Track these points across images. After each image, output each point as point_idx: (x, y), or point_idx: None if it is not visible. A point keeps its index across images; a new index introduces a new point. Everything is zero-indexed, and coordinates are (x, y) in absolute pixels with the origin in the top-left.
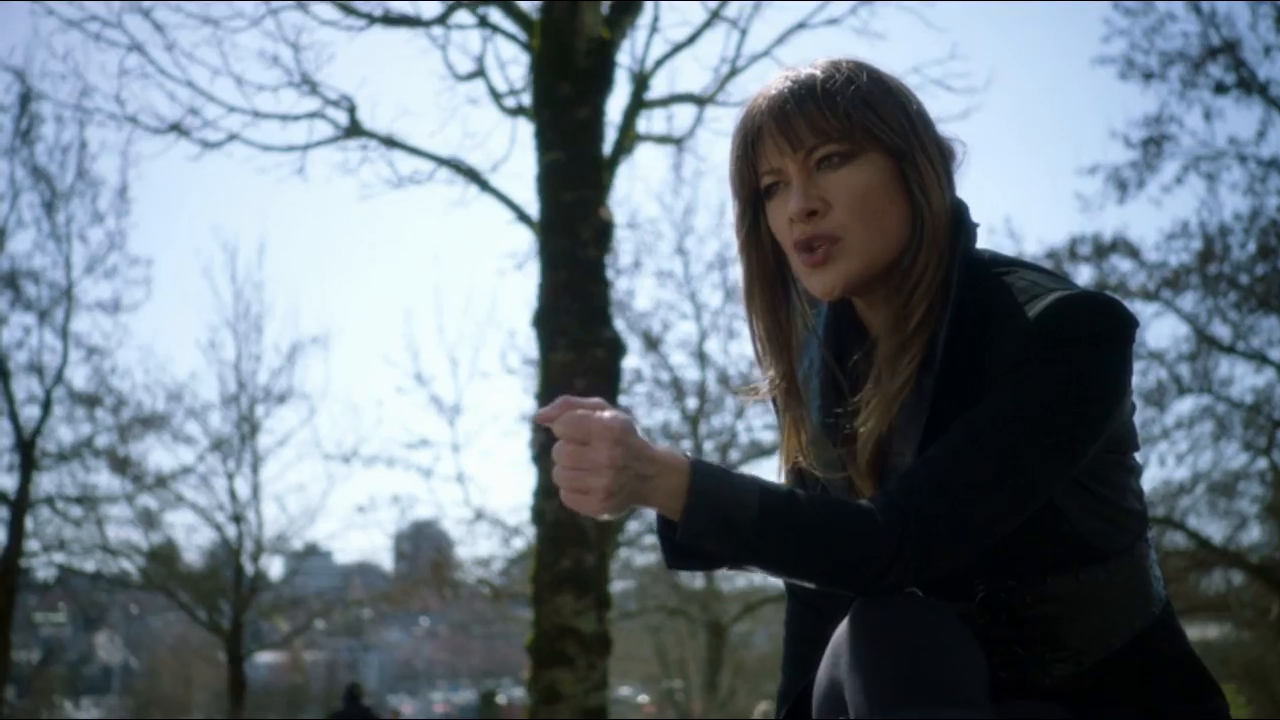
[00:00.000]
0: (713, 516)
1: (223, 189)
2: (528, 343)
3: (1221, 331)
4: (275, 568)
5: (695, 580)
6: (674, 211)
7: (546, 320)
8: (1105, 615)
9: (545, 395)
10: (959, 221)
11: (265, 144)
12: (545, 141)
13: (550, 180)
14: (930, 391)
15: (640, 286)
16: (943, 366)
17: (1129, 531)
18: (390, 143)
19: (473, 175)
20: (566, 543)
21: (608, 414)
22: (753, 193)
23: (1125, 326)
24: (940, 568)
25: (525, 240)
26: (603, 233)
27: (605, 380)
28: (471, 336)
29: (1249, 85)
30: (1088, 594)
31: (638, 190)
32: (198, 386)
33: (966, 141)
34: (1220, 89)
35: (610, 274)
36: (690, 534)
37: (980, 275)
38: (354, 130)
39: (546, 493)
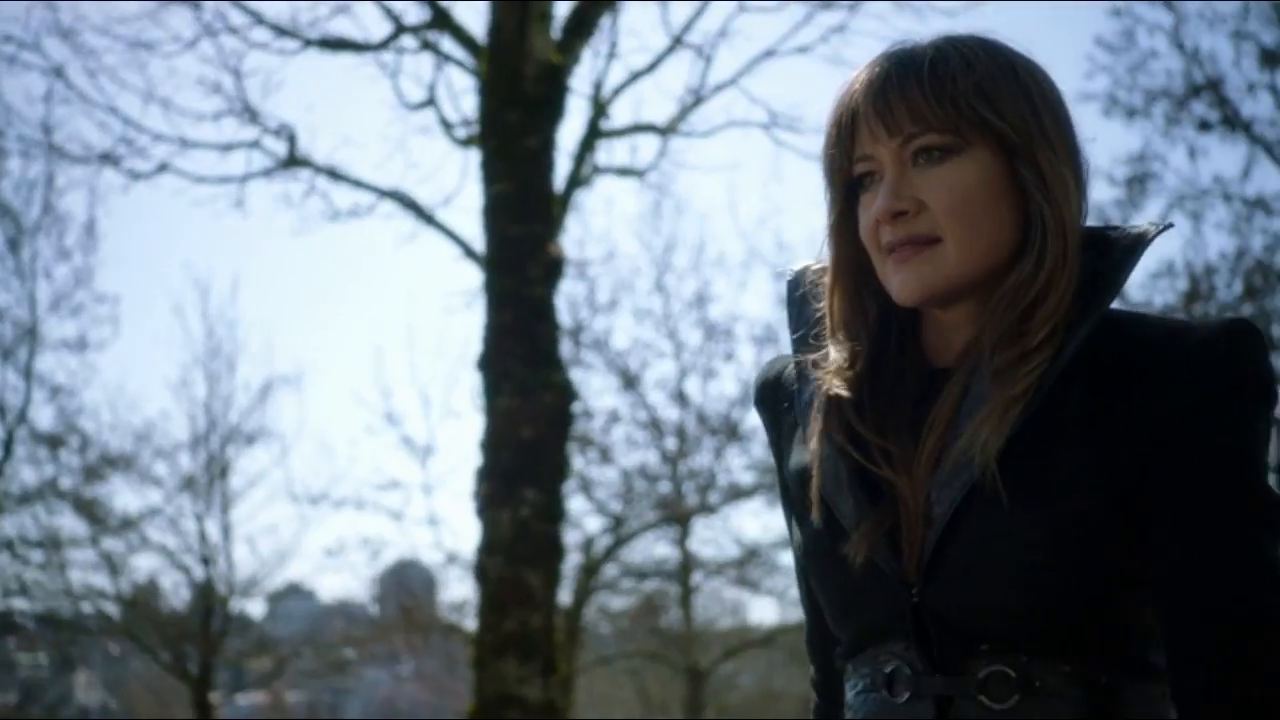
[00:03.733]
0: None
1: (196, 225)
2: None
3: None
4: (256, 608)
5: (674, 623)
6: (653, 248)
7: (491, 363)
8: None
9: (490, 444)
10: (1093, 247)
11: (198, 175)
12: (492, 172)
13: (497, 214)
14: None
15: (618, 324)
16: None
17: (1148, 669)
18: (331, 174)
19: (415, 208)
20: (511, 603)
21: None
22: (846, 179)
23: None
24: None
25: (477, 278)
26: (552, 270)
27: (554, 428)
28: (444, 375)
29: (1233, 123)
30: (1131, 708)
31: (617, 225)
32: (167, 426)
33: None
34: (1204, 126)
35: (586, 312)
36: None
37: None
38: (292, 161)
39: (490, 549)
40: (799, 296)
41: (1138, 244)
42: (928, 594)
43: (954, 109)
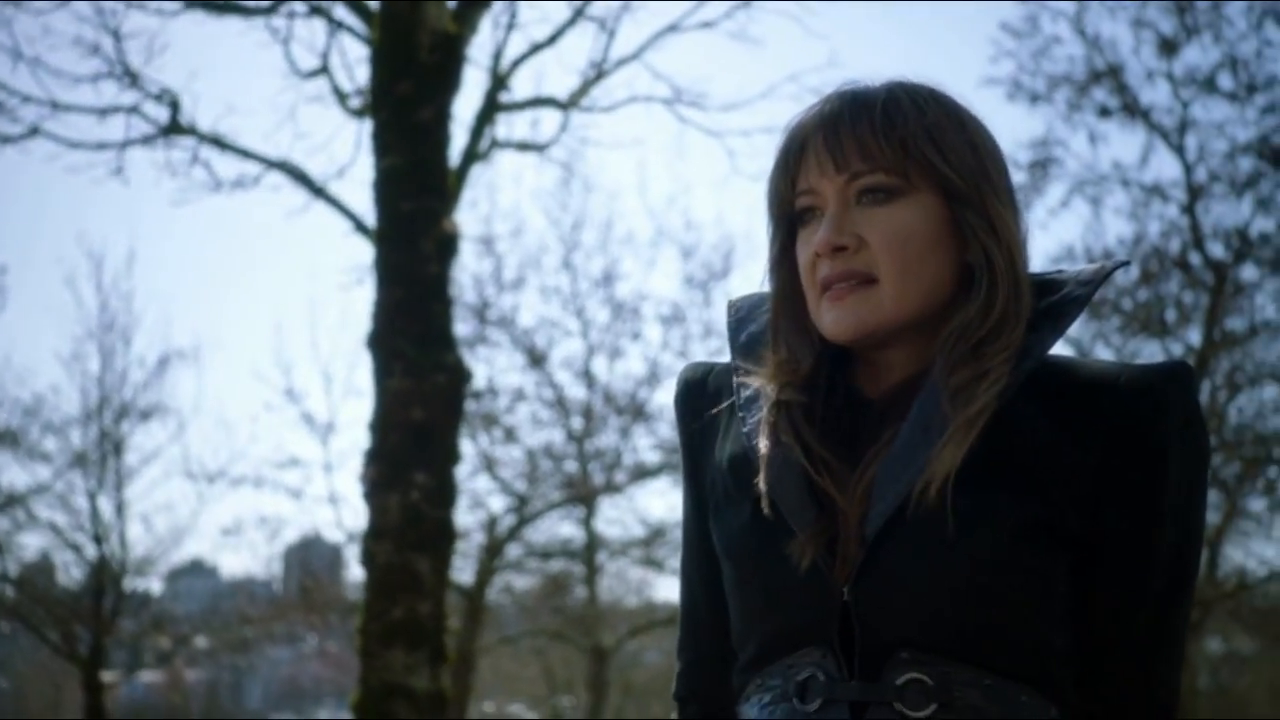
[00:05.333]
0: None
1: (90, 194)
2: None
3: (1105, 356)
4: (155, 585)
5: (579, 602)
6: (561, 225)
7: (381, 342)
8: None
9: (380, 425)
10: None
11: (73, 140)
12: (383, 145)
13: (388, 187)
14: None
15: (524, 302)
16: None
17: (1067, 702)
18: (216, 142)
19: (304, 180)
20: (399, 590)
21: None
22: (788, 211)
23: None
24: None
25: (368, 253)
26: (446, 246)
27: (446, 410)
28: (346, 351)
29: (1132, 110)
30: None
31: (525, 201)
32: (58, 401)
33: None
34: (1104, 113)
35: (492, 289)
36: None
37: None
38: (175, 128)
39: (378, 534)
40: (737, 320)
41: (1095, 276)
42: (858, 592)
43: (903, 151)
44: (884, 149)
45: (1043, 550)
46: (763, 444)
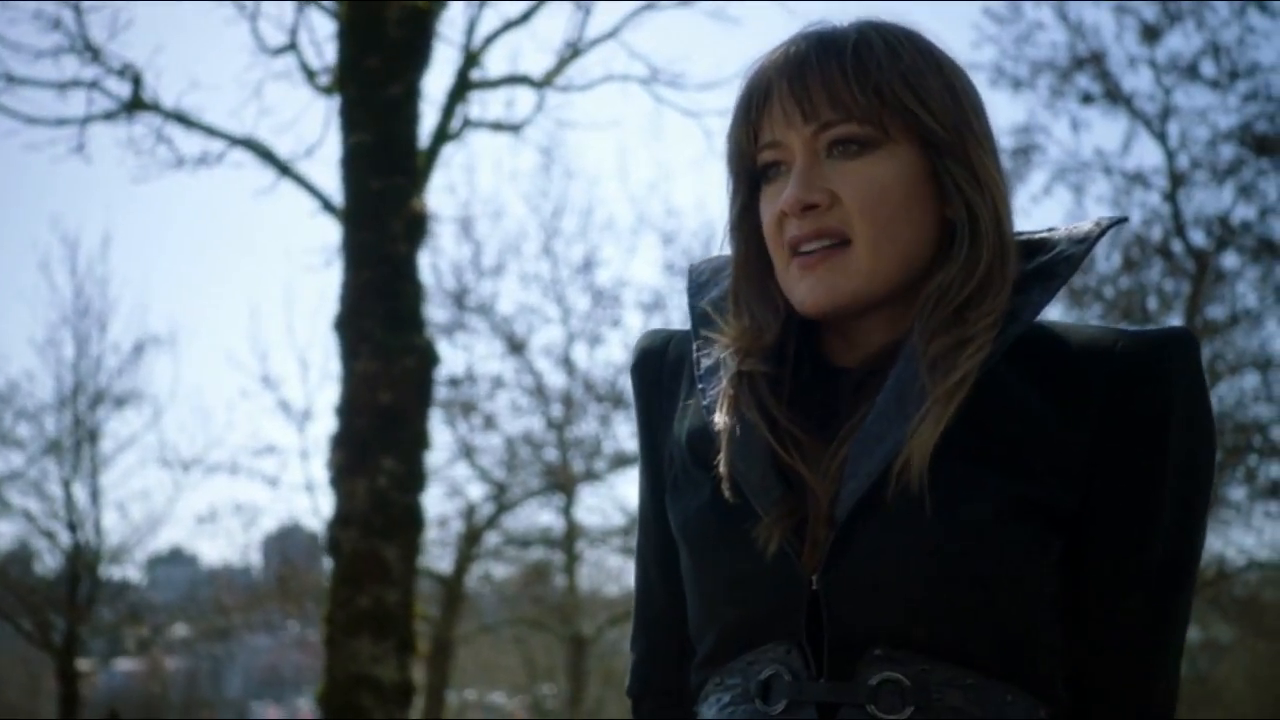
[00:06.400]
0: None
1: (66, 177)
2: None
3: None
4: (134, 573)
5: (556, 591)
6: (541, 212)
7: (349, 324)
8: None
9: (347, 409)
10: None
11: (31, 116)
12: (351, 122)
13: (356, 166)
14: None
15: (504, 289)
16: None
17: (1058, 701)
18: (179, 119)
19: (269, 157)
20: (366, 578)
21: None
22: (750, 166)
23: None
24: None
25: (338, 235)
26: (415, 226)
27: (415, 393)
28: (323, 336)
29: (1114, 96)
30: None
31: (505, 187)
32: (32, 387)
33: None
34: (1087, 99)
35: (471, 275)
36: None
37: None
38: (137, 104)
39: (344, 521)
40: (698, 285)
41: (1091, 233)
42: (828, 580)
43: (878, 98)
44: (856, 96)
45: (1030, 532)
46: (723, 418)
